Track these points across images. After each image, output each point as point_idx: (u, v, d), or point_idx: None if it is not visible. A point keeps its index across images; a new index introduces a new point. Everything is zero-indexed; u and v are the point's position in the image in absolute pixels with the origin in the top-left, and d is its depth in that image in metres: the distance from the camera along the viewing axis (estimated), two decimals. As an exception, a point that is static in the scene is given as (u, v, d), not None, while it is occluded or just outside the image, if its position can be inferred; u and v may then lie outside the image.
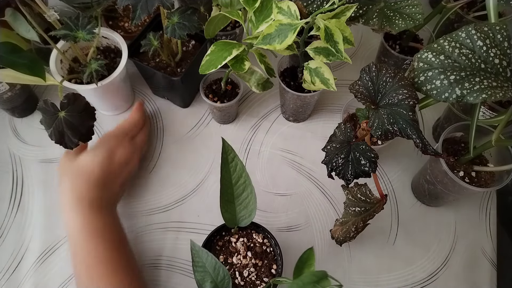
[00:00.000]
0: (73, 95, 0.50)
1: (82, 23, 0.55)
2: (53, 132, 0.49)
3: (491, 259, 0.63)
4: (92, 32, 0.55)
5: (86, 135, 0.51)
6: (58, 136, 0.49)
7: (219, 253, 0.54)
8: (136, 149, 0.64)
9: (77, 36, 0.55)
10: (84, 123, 0.50)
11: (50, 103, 0.49)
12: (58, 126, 0.49)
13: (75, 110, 0.50)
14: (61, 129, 0.49)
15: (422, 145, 0.43)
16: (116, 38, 0.66)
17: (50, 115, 0.49)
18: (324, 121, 0.76)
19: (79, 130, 0.50)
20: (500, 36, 0.45)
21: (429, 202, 0.67)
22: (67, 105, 0.49)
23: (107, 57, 0.70)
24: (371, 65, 0.48)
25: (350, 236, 0.54)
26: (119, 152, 0.61)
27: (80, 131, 0.50)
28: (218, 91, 0.70)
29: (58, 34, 0.54)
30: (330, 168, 0.47)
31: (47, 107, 0.49)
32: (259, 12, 0.53)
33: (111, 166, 0.59)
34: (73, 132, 0.49)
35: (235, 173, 0.50)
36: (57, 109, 0.49)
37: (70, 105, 0.50)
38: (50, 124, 0.49)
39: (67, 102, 0.49)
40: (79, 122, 0.50)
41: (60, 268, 0.61)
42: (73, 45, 0.62)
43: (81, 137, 0.50)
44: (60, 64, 0.65)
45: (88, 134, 0.51)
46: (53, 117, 0.49)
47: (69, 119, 0.49)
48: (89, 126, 0.51)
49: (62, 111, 0.49)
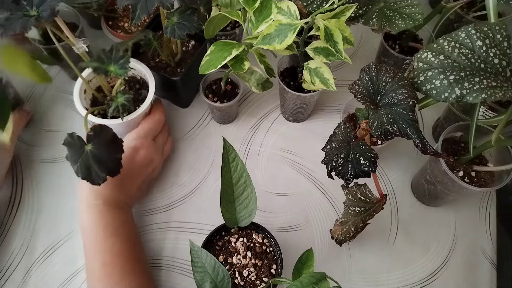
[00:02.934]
0: (100, 127, 0.48)
1: (115, 56, 0.51)
2: (79, 167, 0.46)
3: (490, 259, 0.63)
4: (124, 67, 0.51)
5: (115, 169, 0.48)
6: (85, 171, 0.46)
7: (219, 253, 0.54)
8: (158, 149, 0.64)
9: (108, 70, 0.51)
10: (111, 156, 0.48)
11: (76, 136, 0.47)
12: (84, 160, 0.46)
13: (102, 142, 0.47)
14: (88, 163, 0.46)
15: (422, 145, 0.44)
16: (143, 70, 0.64)
17: (76, 149, 0.47)
18: (324, 121, 0.76)
19: (106, 164, 0.47)
20: (499, 36, 0.45)
21: (428, 202, 0.67)
22: (93, 138, 0.47)
23: (131, 88, 0.67)
24: (370, 65, 0.48)
25: (350, 236, 0.54)
26: (141, 152, 0.60)
27: (107, 164, 0.47)
28: (218, 91, 0.70)
29: (90, 66, 0.51)
30: (330, 168, 0.47)
31: (73, 141, 0.47)
32: (259, 12, 0.53)
33: (132, 166, 0.58)
34: (101, 166, 0.47)
35: (235, 173, 0.50)
36: (83, 142, 0.47)
37: (97, 137, 0.47)
38: (76, 159, 0.46)
39: (94, 135, 0.47)
40: (106, 155, 0.47)
41: (60, 268, 0.61)
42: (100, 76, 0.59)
43: (109, 171, 0.47)
44: (83, 95, 0.62)
45: (117, 168, 0.48)
46: (79, 151, 0.47)
47: (96, 153, 0.47)
48: (117, 159, 0.48)
49: (89, 144, 0.47)
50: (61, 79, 0.79)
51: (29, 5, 0.47)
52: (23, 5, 0.47)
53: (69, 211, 0.65)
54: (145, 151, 0.60)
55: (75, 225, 0.64)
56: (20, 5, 0.47)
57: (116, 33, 0.78)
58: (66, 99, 0.77)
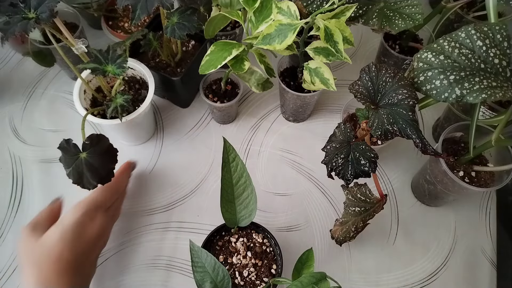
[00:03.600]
0: (97, 136, 0.48)
1: (112, 56, 0.52)
2: (72, 172, 0.47)
3: (491, 259, 0.63)
4: (122, 67, 0.52)
5: (106, 177, 0.48)
6: (76, 177, 0.47)
7: (219, 253, 0.54)
8: (109, 221, 0.57)
9: (106, 70, 0.51)
10: (105, 165, 0.48)
11: (72, 143, 0.47)
12: (78, 166, 0.47)
13: (97, 151, 0.48)
14: (80, 170, 0.47)
15: (422, 145, 0.44)
16: (142, 70, 0.64)
17: (71, 155, 0.47)
18: (324, 121, 0.76)
19: (99, 172, 0.47)
20: (499, 36, 0.45)
21: (429, 202, 0.67)
22: (89, 147, 0.47)
23: (131, 88, 0.67)
24: (370, 65, 0.48)
25: (350, 236, 0.54)
26: (91, 227, 0.52)
27: (100, 173, 0.47)
28: (218, 91, 0.70)
29: (87, 67, 0.51)
30: (330, 168, 0.47)
31: (68, 147, 0.47)
32: (259, 12, 0.53)
33: (82, 246, 0.51)
34: (93, 174, 0.47)
35: (235, 173, 0.50)
36: (78, 150, 0.47)
37: (93, 146, 0.47)
38: (70, 164, 0.47)
39: (90, 143, 0.47)
40: (100, 164, 0.47)
41: (60, 268, 0.61)
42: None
43: (100, 179, 0.48)
44: (83, 95, 0.62)
45: (108, 177, 0.49)
46: (73, 157, 0.47)
47: (90, 161, 0.47)
48: (109, 169, 0.49)
49: (84, 152, 0.47)
50: (61, 79, 0.79)
51: (27, 7, 0.47)
52: (21, 8, 0.47)
53: (69, 211, 0.65)
54: (94, 225, 0.53)
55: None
56: (17, 8, 0.47)
57: (116, 33, 0.78)
58: (66, 99, 0.77)
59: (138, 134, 0.71)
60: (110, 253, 0.62)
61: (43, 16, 0.47)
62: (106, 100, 0.57)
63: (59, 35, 0.53)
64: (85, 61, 0.52)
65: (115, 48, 0.53)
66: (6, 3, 0.47)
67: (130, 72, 0.68)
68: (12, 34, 0.45)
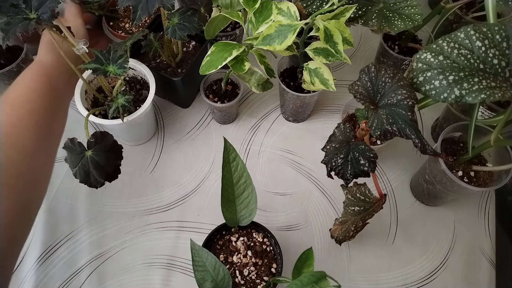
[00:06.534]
0: (101, 133, 0.48)
1: (113, 57, 0.52)
2: (78, 172, 0.47)
3: (490, 258, 0.64)
4: (123, 67, 0.52)
5: (113, 174, 0.48)
6: (83, 176, 0.47)
7: (219, 252, 0.55)
8: None
9: (107, 71, 0.52)
10: (111, 162, 0.48)
11: (77, 142, 0.47)
12: (84, 165, 0.47)
13: (102, 149, 0.48)
14: (87, 168, 0.47)
15: (421, 145, 0.44)
16: (143, 70, 0.64)
17: (76, 154, 0.47)
18: (323, 121, 0.76)
19: (105, 170, 0.47)
20: (498, 37, 0.45)
21: (428, 201, 0.67)
22: (94, 144, 0.47)
23: (132, 88, 0.68)
24: (370, 65, 0.48)
25: (349, 236, 0.54)
26: None
27: (106, 170, 0.47)
28: (219, 92, 0.70)
29: (89, 67, 0.51)
30: (330, 168, 0.47)
31: (73, 146, 0.47)
32: (259, 13, 0.54)
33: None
34: (100, 172, 0.47)
35: (236, 172, 0.50)
36: (84, 148, 0.47)
37: (98, 144, 0.47)
38: (76, 163, 0.47)
39: (95, 141, 0.47)
40: (105, 162, 0.47)
41: (60, 268, 0.61)
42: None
43: (107, 176, 0.48)
44: (85, 95, 0.63)
45: (115, 174, 0.49)
46: (79, 156, 0.47)
47: (96, 159, 0.47)
48: (116, 166, 0.49)
49: (89, 150, 0.47)
50: (62, 79, 0.79)
51: (28, 8, 0.47)
52: (22, 9, 0.47)
53: (69, 211, 0.65)
54: None
55: (75, 225, 0.64)
56: (18, 8, 0.47)
57: (117, 33, 0.78)
58: (67, 99, 0.77)
59: (139, 134, 0.71)
60: (112, 252, 0.62)
61: (44, 16, 0.47)
62: (107, 100, 0.58)
63: (60, 35, 0.53)
64: (85, 62, 0.52)
65: (116, 48, 0.53)
66: (7, 4, 0.47)
67: (131, 72, 0.68)
68: (13, 35, 0.45)
